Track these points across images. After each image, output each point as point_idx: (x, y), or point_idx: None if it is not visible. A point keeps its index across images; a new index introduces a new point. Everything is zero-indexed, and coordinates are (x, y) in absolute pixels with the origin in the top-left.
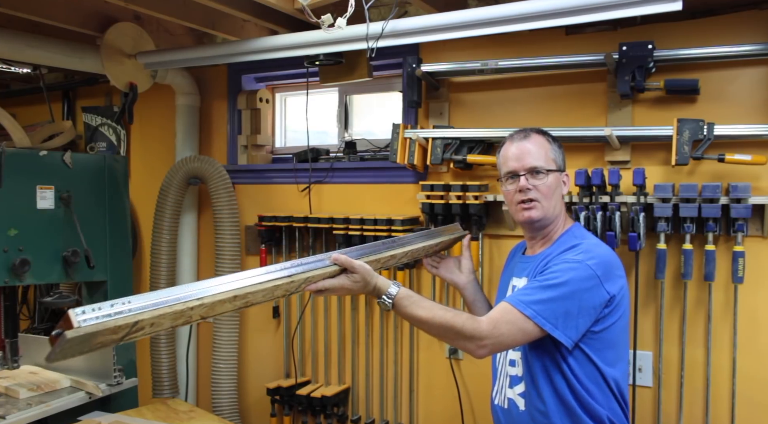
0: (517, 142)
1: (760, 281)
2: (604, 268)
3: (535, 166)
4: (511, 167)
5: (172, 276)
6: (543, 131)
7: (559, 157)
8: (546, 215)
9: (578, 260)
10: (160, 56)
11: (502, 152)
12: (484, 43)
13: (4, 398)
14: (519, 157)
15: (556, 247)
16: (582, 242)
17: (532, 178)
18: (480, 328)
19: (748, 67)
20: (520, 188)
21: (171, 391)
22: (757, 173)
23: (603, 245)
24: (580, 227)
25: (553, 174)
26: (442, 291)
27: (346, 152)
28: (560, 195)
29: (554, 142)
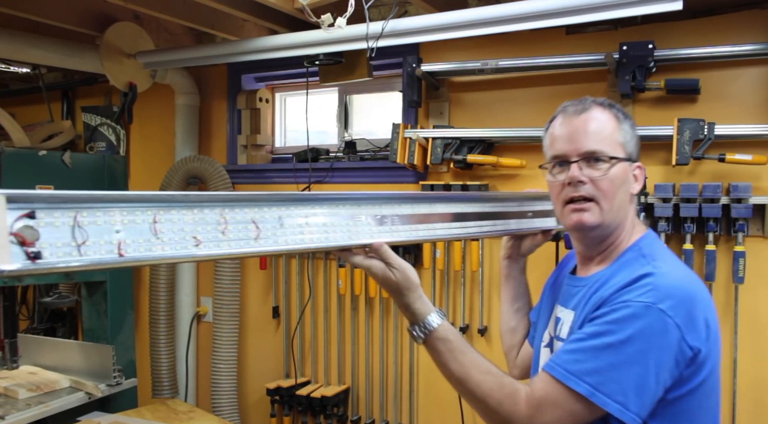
0: (571, 115)
1: (760, 281)
2: (685, 311)
3: (593, 150)
4: (559, 150)
5: (171, 276)
6: (610, 104)
7: (630, 142)
8: (605, 222)
9: (647, 303)
10: (159, 56)
11: (550, 129)
12: (484, 43)
13: (4, 399)
14: (571, 136)
15: (615, 269)
16: (653, 269)
17: (589, 167)
18: (518, 412)
19: (749, 66)
20: (569, 180)
21: (171, 391)
22: (758, 173)
23: (682, 272)
24: (653, 239)
25: (620, 164)
26: (442, 291)
27: (346, 152)
28: (628, 194)
29: (625, 119)
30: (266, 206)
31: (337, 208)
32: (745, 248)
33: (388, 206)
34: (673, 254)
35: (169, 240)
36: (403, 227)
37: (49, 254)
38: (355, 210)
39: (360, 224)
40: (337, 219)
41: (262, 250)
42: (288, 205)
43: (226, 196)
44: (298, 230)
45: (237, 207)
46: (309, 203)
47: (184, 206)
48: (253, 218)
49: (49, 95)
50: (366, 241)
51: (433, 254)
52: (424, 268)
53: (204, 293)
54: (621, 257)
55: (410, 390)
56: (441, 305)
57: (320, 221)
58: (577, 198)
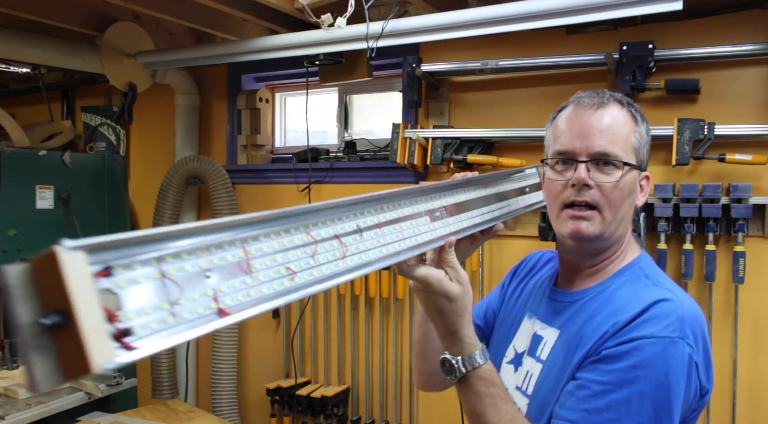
0: (586, 108)
1: (760, 281)
2: (703, 346)
3: (606, 152)
4: (567, 146)
5: None
6: (629, 102)
7: (644, 148)
8: (605, 234)
9: (673, 338)
10: (159, 56)
11: (557, 121)
12: (484, 43)
13: (4, 399)
14: (584, 132)
15: (615, 289)
16: (671, 294)
17: (598, 170)
18: None
19: (749, 66)
20: (575, 182)
21: (171, 391)
22: (758, 173)
23: (690, 299)
24: (651, 260)
25: (631, 172)
26: None
27: (346, 152)
28: (632, 206)
29: (643, 122)
30: (344, 214)
31: (401, 207)
32: (745, 248)
33: (437, 198)
34: (667, 276)
35: (265, 278)
36: (451, 219)
37: (140, 329)
38: (414, 207)
39: (420, 224)
40: (403, 221)
41: (351, 270)
42: (362, 208)
43: (309, 207)
44: (375, 240)
45: (319, 219)
46: (377, 203)
47: (272, 227)
48: (336, 232)
49: (49, 95)
50: (434, 241)
51: None
52: None
53: None
54: (618, 274)
55: (410, 390)
56: None
57: (389, 225)
58: (579, 203)
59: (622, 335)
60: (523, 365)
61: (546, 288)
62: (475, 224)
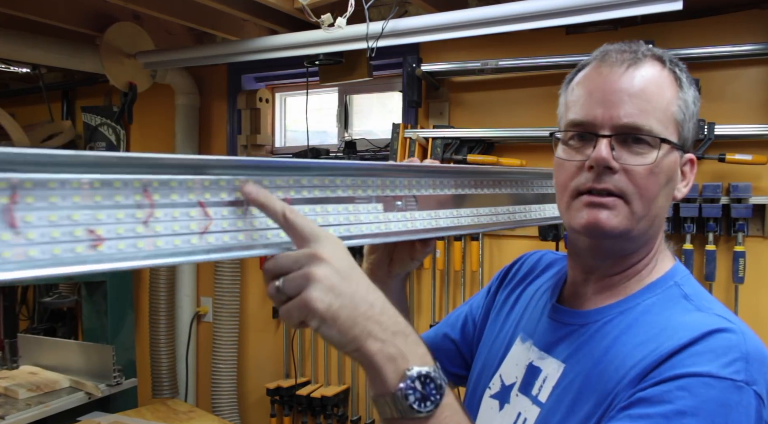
0: (614, 67)
1: (760, 281)
2: (767, 385)
3: (637, 125)
4: (584, 115)
5: (171, 276)
6: (673, 60)
7: (690, 122)
8: (632, 231)
9: (738, 383)
10: (159, 56)
11: (574, 82)
12: (484, 43)
13: (4, 399)
14: (609, 98)
15: (641, 311)
16: (729, 324)
17: (625, 149)
18: None
19: (749, 67)
20: (593, 163)
21: (171, 391)
22: (758, 173)
23: (750, 329)
24: (688, 275)
25: (671, 154)
26: (442, 291)
27: (346, 152)
28: (669, 199)
29: (690, 87)
30: (231, 176)
31: (335, 185)
32: (745, 248)
33: (404, 185)
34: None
35: (40, 238)
36: (421, 214)
37: None
38: (357, 188)
39: (363, 211)
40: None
41: (206, 252)
42: (267, 173)
43: (160, 159)
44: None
45: (178, 177)
46: (295, 172)
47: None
48: (200, 199)
49: (49, 95)
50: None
51: (432, 253)
52: (425, 268)
53: (204, 293)
54: (646, 291)
55: None
56: (441, 305)
57: (305, 204)
58: (599, 190)
59: (664, 371)
60: (512, 403)
61: (546, 303)
62: (462, 226)
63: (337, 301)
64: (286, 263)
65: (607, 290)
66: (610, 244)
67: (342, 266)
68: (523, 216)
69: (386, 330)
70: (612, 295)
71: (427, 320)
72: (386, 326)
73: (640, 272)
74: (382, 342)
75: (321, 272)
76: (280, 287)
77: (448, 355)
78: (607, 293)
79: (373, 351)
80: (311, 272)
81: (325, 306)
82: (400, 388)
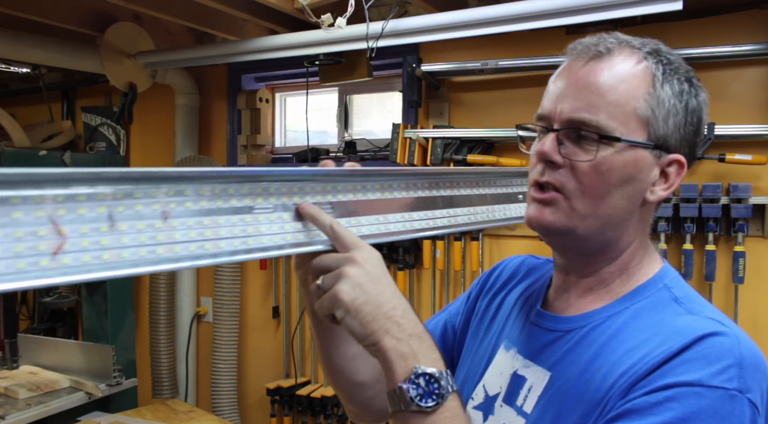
0: (578, 58)
1: (760, 281)
2: (762, 394)
3: (580, 119)
4: (542, 108)
5: (171, 276)
6: (656, 50)
7: (668, 119)
8: (577, 229)
9: (729, 391)
10: (159, 56)
11: (553, 77)
12: (484, 43)
13: (4, 399)
14: (561, 91)
15: (631, 315)
16: (722, 327)
17: (574, 144)
18: None
19: (749, 67)
20: (535, 156)
21: (171, 391)
22: (758, 173)
23: (745, 333)
24: (677, 277)
25: (628, 151)
26: (442, 291)
27: (346, 152)
28: (634, 200)
29: (669, 81)
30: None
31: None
32: (744, 248)
33: (328, 191)
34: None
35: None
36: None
37: None
38: (261, 197)
39: (265, 222)
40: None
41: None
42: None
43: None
44: (134, 236)
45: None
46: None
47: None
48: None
49: (49, 95)
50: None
51: (432, 253)
52: (424, 268)
53: (204, 293)
54: (634, 295)
55: None
56: (441, 305)
57: (185, 218)
58: (542, 183)
59: (654, 379)
60: (496, 414)
61: (530, 309)
62: (392, 232)
63: (362, 297)
64: (327, 262)
65: (590, 294)
66: (558, 240)
67: (372, 270)
68: (467, 219)
69: (404, 331)
70: (597, 299)
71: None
72: (404, 327)
73: (621, 275)
74: (398, 340)
75: (352, 271)
76: (320, 284)
77: None
78: (591, 297)
79: (387, 347)
80: (344, 271)
81: (351, 299)
82: (405, 382)
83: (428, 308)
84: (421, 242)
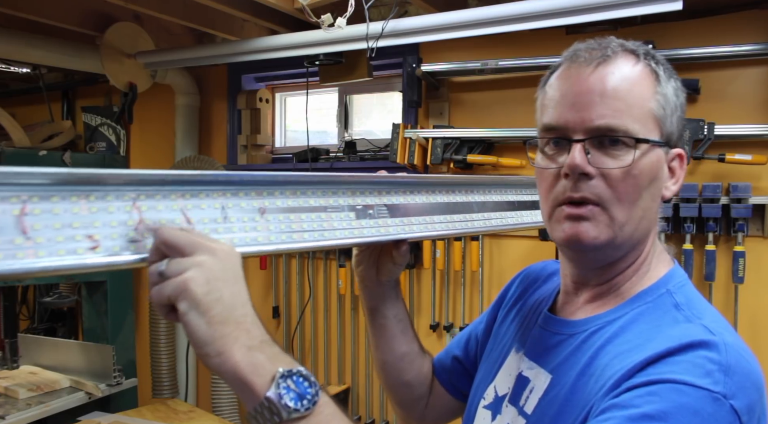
0: (584, 67)
1: (760, 281)
2: (756, 415)
3: (611, 126)
4: (557, 119)
5: None
6: (647, 52)
7: (672, 116)
8: (616, 240)
9: (715, 395)
10: (159, 56)
11: (547, 84)
12: (484, 43)
13: (4, 399)
14: (578, 100)
15: (629, 320)
16: (714, 336)
17: (601, 152)
18: None
19: (748, 67)
20: (568, 170)
21: (171, 391)
22: (758, 173)
23: (742, 342)
24: (685, 279)
25: (653, 151)
26: (442, 291)
27: (346, 152)
28: (658, 199)
29: (669, 79)
30: (205, 191)
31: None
32: (744, 248)
33: (374, 193)
34: (711, 305)
35: (44, 239)
36: (393, 220)
37: None
38: (329, 198)
39: (336, 219)
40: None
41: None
42: (235, 189)
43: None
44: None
45: (161, 191)
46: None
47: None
48: (182, 207)
49: (50, 95)
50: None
51: (432, 253)
52: (424, 268)
53: None
54: (636, 299)
55: None
56: (441, 305)
57: (279, 213)
58: (578, 200)
59: (637, 378)
60: (503, 414)
61: (540, 313)
62: (435, 231)
63: (215, 293)
64: (180, 242)
65: (599, 299)
66: (593, 255)
67: (230, 268)
68: (499, 222)
69: (254, 338)
70: (603, 304)
71: (427, 320)
72: (254, 335)
73: (631, 279)
74: (248, 349)
75: (209, 263)
76: (163, 270)
77: (457, 374)
78: (599, 302)
79: (237, 358)
80: (200, 260)
81: (203, 292)
82: (272, 389)
83: (428, 308)
84: (421, 242)
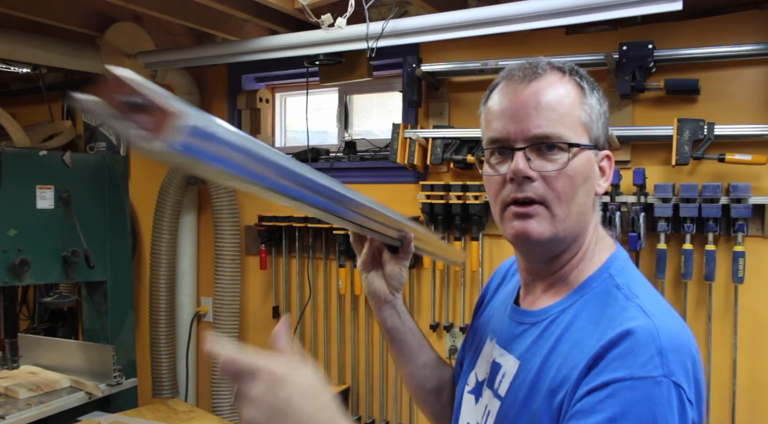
0: (518, 83)
1: (760, 281)
2: (694, 381)
3: (546, 134)
4: (499, 132)
5: (171, 276)
6: (572, 69)
7: (597, 122)
8: (558, 233)
9: (656, 378)
10: (159, 56)
11: (489, 101)
12: (484, 43)
13: (4, 399)
14: (517, 113)
15: (580, 307)
16: (648, 318)
17: (540, 157)
18: None
19: (748, 67)
20: (512, 175)
21: (171, 391)
22: (758, 173)
23: (674, 317)
24: (625, 260)
25: (583, 153)
26: (442, 291)
27: (346, 152)
28: (591, 194)
29: (592, 91)
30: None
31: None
32: (744, 247)
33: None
34: (648, 281)
35: None
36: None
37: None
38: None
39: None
40: None
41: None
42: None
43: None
44: None
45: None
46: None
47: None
48: None
49: (50, 95)
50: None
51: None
52: (424, 268)
53: (204, 293)
54: (584, 286)
55: None
56: (441, 305)
57: None
58: (522, 200)
59: (592, 378)
60: (483, 397)
61: (508, 305)
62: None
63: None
64: (242, 367)
65: (552, 288)
66: (541, 249)
67: (282, 396)
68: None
69: None
70: (557, 292)
71: (427, 320)
72: None
73: (578, 267)
74: None
75: (257, 392)
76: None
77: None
78: (552, 291)
79: None
80: (248, 390)
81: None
82: None
83: (428, 308)
84: None
